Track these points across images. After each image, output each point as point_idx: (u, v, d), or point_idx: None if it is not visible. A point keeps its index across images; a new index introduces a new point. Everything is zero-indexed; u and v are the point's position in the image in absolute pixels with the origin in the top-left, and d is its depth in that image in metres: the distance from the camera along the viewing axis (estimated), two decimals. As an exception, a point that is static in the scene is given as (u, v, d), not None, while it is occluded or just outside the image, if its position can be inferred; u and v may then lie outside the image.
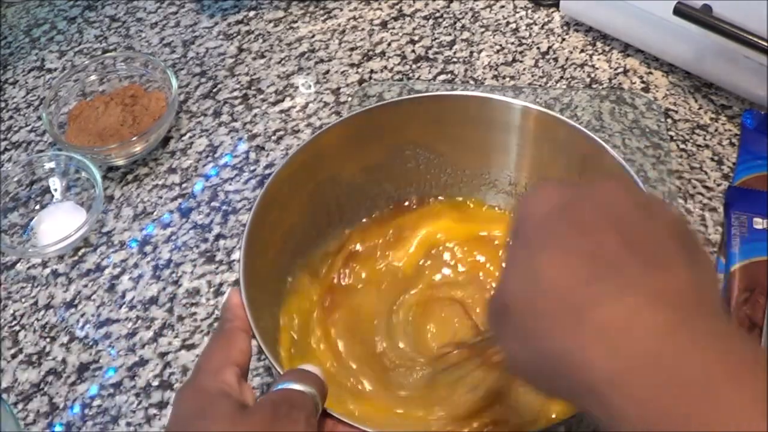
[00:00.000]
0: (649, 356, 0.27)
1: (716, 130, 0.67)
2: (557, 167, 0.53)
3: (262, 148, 0.70)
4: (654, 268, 0.29)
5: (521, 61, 0.75)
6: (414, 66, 0.75)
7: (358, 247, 0.56)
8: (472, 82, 0.73)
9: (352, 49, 0.78)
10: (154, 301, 0.61)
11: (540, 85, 0.72)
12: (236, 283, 0.61)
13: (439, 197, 0.58)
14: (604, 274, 0.29)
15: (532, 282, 0.30)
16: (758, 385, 0.25)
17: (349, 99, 0.73)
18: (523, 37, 0.77)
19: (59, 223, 0.65)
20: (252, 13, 0.83)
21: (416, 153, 0.56)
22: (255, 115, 0.73)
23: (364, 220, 0.56)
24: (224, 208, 0.66)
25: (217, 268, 0.62)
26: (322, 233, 0.54)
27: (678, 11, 0.62)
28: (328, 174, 0.53)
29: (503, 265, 0.33)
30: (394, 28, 0.79)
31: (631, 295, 0.28)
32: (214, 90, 0.76)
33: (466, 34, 0.78)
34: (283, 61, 0.78)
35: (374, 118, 0.53)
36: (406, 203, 0.57)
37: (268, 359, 0.41)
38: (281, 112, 0.73)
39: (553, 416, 0.46)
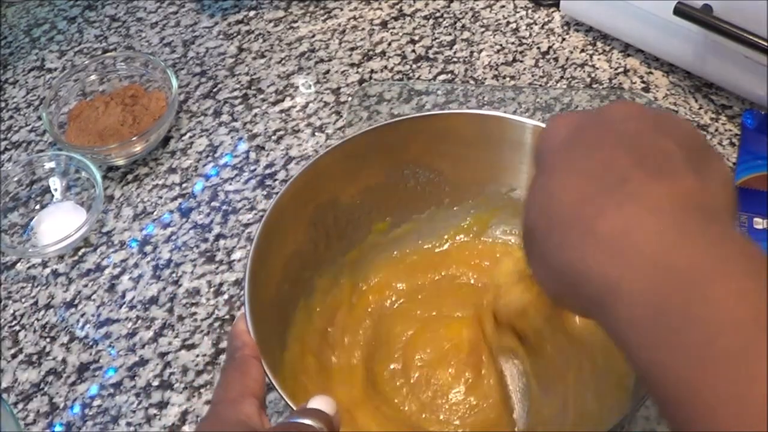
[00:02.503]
0: (645, 259, 0.27)
1: (716, 130, 0.67)
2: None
3: (263, 148, 0.70)
4: (658, 178, 0.29)
5: (521, 61, 0.75)
6: (414, 66, 0.75)
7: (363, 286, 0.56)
8: (472, 81, 0.73)
9: (352, 49, 0.78)
10: (154, 301, 0.61)
11: (540, 85, 0.72)
12: (236, 283, 0.61)
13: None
14: (610, 186, 0.30)
15: (547, 203, 0.32)
16: (745, 282, 0.26)
17: (350, 99, 0.73)
18: (524, 37, 0.77)
19: (59, 223, 0.65)
20: (252, 13, 0.83)
21: (416, 172, 0.55)
22: (255, 115, 0.73)
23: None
24: (224, 208, 0.66)
25: (217, 268, 0.62)
26: (322, 258, 0.54)
27: (678, 11, 0.62)
28: (328, 197, 0.53)
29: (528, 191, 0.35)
30: (394, 28, 0.79)
31: (632, 203, 0.29)
32: (215, 90, 0.76)
33: (466, 34, 0.78)
34: (283, 61, 0.78)
35: (372, 139, 0.52)
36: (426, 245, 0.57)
37: (278, 392, 0.41)
38: (281, 111, 0.73)
39: None
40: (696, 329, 0.25)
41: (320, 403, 0.38)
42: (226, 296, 0.60)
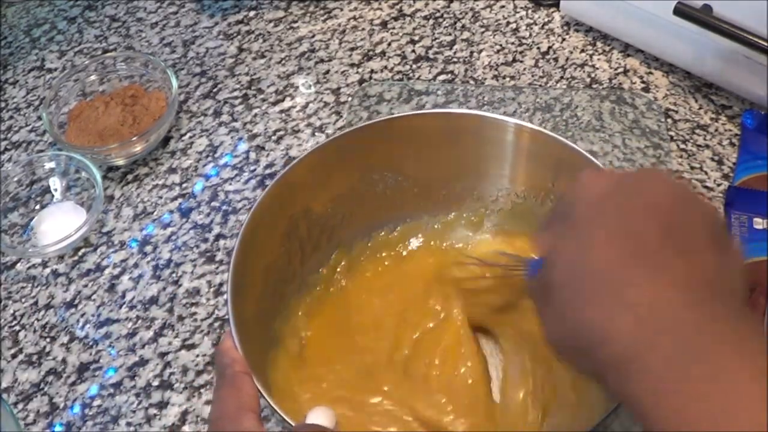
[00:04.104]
0: (667, 329, 0.29)
1: (716, 130, 0.67)
2: (530, 176, 0.54)
3: (262, 148, 0.70)
4: (685, 254, 0.32)
5: (521, 61, 0.75)
6: (414, 66, 0.75)
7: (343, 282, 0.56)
8: (472, 82, 0.73)
9: (352, 49, 0.78)
10: (154, 301, 0.61)
11: (540, 85, 0.72)
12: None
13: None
14: (642, 256, 0.32)
15: (579, 259, 0.33)
16: (758, 364, 0.27)
17: (350, 99, 0.73)
18: (524, 37, 0.77)
19: (59, 223, 0.65)
20: (252, 13, 0.83)
21: (384, 176, 0.55)
22: (255, 115, 0.73)
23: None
24: (224, 208, 0.66)
25: (217, 268, 0.62)
26: (297, 270, 0.53)
27: (678, 11, 0.62)
28: (300, 208, 0.52)
29: (545, 243, 0.36)
30: (394, 28, 0.79)
31: (661, 276, 0.31)
32: (215, 90, 0.76)
33: (466, 34, 0.78)
34: (283, 61, 0.78)
35: (340, 146, 0.52)
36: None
37: (272, 406, 0.41)
38: (281, 112, 0.73)
39: None
40: (716, 407, 0.27)
41: (319, 416, 0.38)
42: (226, 296, 0.60)
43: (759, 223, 0.58)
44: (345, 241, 0.56)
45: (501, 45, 0.76)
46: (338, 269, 0.55)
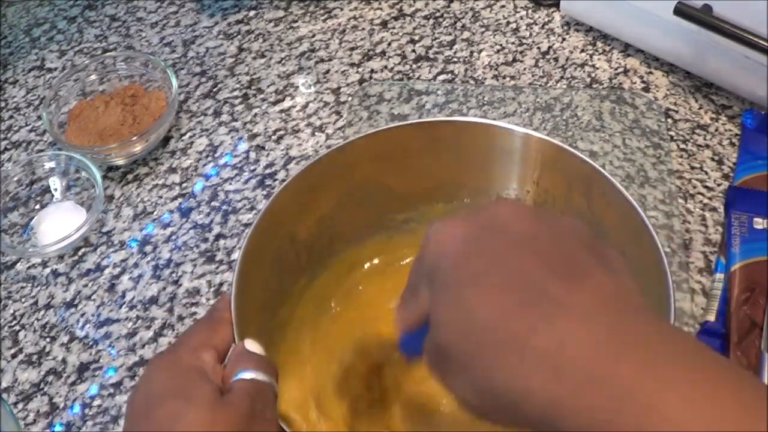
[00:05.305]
0: (583, 375, 0.27)
1: (716, 130, 0.67)
2: (520, 182, 0.54)
3: (263, 148, 0.70)
4: (574, 283, 0.29)
5: (521, 61, 0.75)
6: (414, 66, 0.75)
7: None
8: (472, 81, 0.73)
9: (352, 49, 0.78)
10: (154, 300, 0.61)
11: (540, 85, 0.72)
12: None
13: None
14: (532, 299, 0.29)
15: (464, 320, 0.30)
16: (686, 389, 0.25)
17: (350, 99, 0.73)
18: (524, 37, 0.77)
19: (59, 223, 0.65)
20: (252, 13, 0.83)
21: (366, 192, 0.54)
22: (255, 115, 0.73)
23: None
24: (224, 207, 0.66)
25: (217, 268, 0.62)
26: (289, 294, 0.52)
27: (678, 11, 0.62)
28: (286, 234, 0.51)
29: (431, 308, 0.32)
30: (394, 28, 0.79)
31: (562, 316, 0.28)
32: (215, 89, 0.76)
33: (466, 34, 0.78)
34: (283, 61, 0.78)
35: (321, 168, 0.51)
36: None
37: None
38: (281, 111, 0.73)
39: None
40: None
41: (255, 346, 0.38)
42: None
43: (759, 223, 0.58)
44: (334, 259, 0.55)
45: (501, 45, 0.76)
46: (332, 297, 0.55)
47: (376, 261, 0.56)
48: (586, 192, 0.49)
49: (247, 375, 0.36)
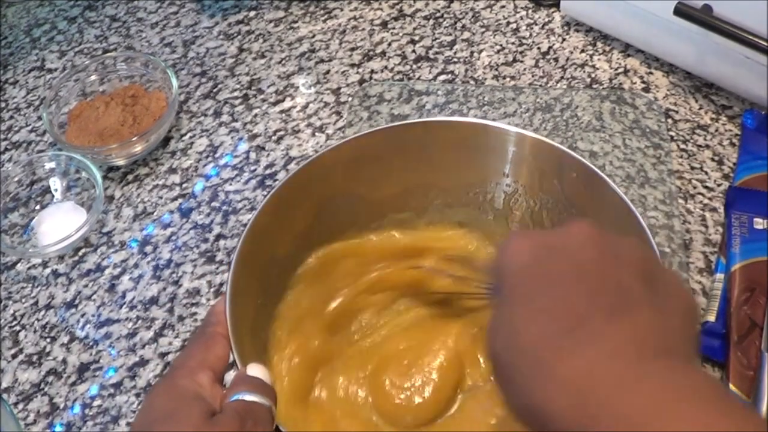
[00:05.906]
0: (604, 405, 0.28)
1: (717, 131, 0.67)
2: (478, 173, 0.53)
3: (263, 148, 0.70)
4: (617, 316, 0.31)
5: (522, 61, 0.75)
6: (414, 66, 0.75)
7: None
8: (472, 82, 0.73)
9: (352, 49, 0.78)
10: (154, 301, 0.61)
11: (540, 85, 0.72)
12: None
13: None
14: (570, 327, 0.31)
15: (509, 339, 0.32)
16: (697, 425, 0.27)
17: (350, 99, 0.73)
18: (524, 37, 0.77)
19: (59, 223, 0.65)
20: (252, 13, 0.83)
21: (338, 204, 0.53)
22: (255, 115, 0.73)
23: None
24: (224, 208, 0.66)
25: (217, 268, 0.62)
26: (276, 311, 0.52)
27: (678, 11, 0.62)
28: (267, 254, 0.50)
29: (492, 308, 0.35)
30: (394, 28, 0.79)
31: (592, 346, 0.30)
32: (215, 90, 0.76)
33: (466, 34, 0.78)
34: (283, 61, 0.78)
35: (295, 183, 0.50)
36: None
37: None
38: (282, 112, 0.73)
39: None
40: None
41: (257, 371, 0.39)
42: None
43: (759, 223, 0.58)
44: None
45: (501, 45, 0.76)
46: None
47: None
48: (558, 174, 0.50)
49: (241, 396, 0.37)
